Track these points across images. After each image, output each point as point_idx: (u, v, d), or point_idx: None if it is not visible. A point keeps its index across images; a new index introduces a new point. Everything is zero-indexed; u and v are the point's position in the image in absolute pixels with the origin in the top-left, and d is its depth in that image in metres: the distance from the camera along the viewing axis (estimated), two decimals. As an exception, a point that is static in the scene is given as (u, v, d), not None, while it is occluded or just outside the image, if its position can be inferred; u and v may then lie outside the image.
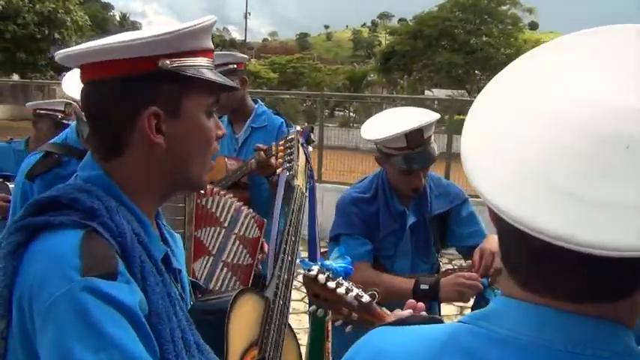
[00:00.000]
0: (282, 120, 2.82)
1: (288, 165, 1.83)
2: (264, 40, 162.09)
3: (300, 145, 1.89)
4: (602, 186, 0.51)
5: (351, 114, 24.07)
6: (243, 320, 1.17)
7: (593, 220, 0.50)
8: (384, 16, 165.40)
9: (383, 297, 2.06)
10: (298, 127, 2.45)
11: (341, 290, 1.39)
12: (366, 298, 1.39)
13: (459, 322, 0.67)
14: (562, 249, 0.52)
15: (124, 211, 0.94)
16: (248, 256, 2.08)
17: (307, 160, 1.94)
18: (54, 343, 0.77)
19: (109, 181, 0.96)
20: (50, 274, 0.81)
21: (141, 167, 0.97)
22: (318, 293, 1.44)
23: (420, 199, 2.24)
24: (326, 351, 1.62)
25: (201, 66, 0.99)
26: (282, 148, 1.82)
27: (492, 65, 25.92)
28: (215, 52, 1.12)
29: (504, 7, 26.51)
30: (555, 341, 0.57)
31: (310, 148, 2.41)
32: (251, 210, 2.13)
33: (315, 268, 1.45)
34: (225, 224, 2.04)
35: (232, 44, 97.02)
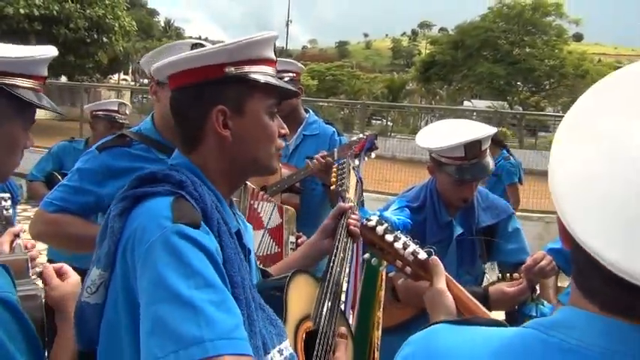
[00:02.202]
0: (334, 129, 2.88)
1: (341, 182, 1.96)
2: (304, 47, 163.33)
3: (351, 168, 2.04)
4: None
5: (389, 123, 23.98)
6: (300, 295, 1.30)
7: None
8: (425, 25, 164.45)
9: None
10: (361, 135, 2.52)
11: (398, 245, 1.41)
12: (422, 255, 1.40)
13: (525, 327, 0.69)
14: None
15: (205, 188, 1.12)
16: (275, 244, 2.17)
17: (358, 181, 2.04)
18: (153, 273, 0.94)
19: (193, 166, 1.16)
20: (148, 225, 1.00)
21: (214, 156, 1.16)
22: (374, 242, 1.46)
23: (468, 210, 2.26)
24: (379, 299, 1.63)
25: (264, 72, 1.16)
26: (335, 171, 1.95)
27: (535, 77, 25.43)
28: (278, 59, 1.23)
29: (549, 18, 25.97)
30: (627, 354, 0.60)
31: (373, 155, 2.49)
32: (278, 202, 2.23)
33: (374, 219, 1.48)
34: (266, 225, 2.13)
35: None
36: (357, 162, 2.53)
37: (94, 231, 1.94)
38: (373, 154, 2.48)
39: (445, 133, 2.14)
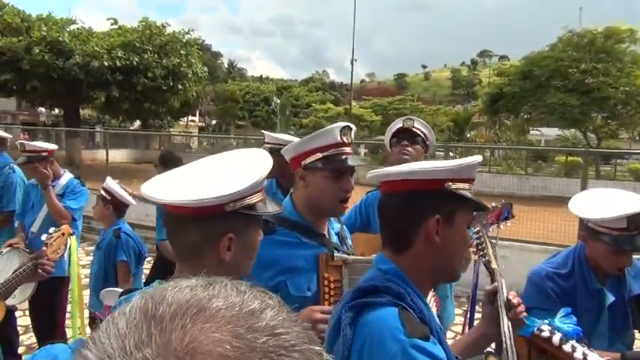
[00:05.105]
0: None
1: (482, 252, 2.11)
2: (362, 81, 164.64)
3: (486, 237, 2.16)
4: None
5: (453, 155, 23.71)
6: None
7: None
8: (485, 54, 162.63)
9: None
10: (494, 204, 2.58)
11: (578, 356, 1.47)
12: None
13: None
14: None
15: (414, 295, 1.27)
16: None
17: (493, 247, 2.19)
18: None
19: (402, 273, 1.31)
20: (385, 336, 1.15)
21: (421, 258, 1.31)
22: (546, 349, 1.52)
23: (618, 278, 2.26)
24: None
25: (468, 190, 1.35)
26: (474, 241, 2.08)
27: (611, 105, 24.44)
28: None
29: (623, 45, 25.10)
30: None
31: (509, 223, 2.54)
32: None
33: (547, 329, 1.54)
34: None
35: (332, 86, 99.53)
36: (490, 230, 2.59)
37: None
38: (509, 222, 2.52)
39: (605, 204, 2.17)
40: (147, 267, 7.26)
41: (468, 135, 39.45)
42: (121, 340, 0.43)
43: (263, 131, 3.68)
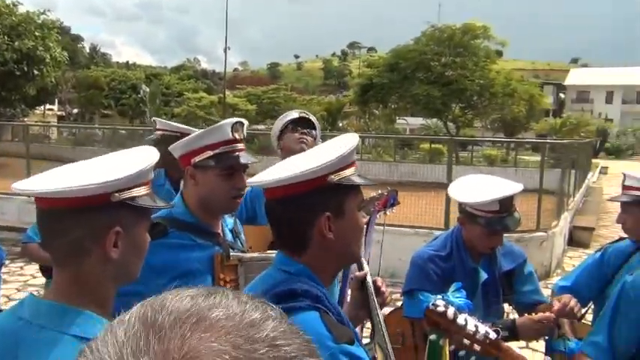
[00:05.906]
0: None
1: None
2: (235, 69, 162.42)
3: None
4: None
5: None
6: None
7: None
8: (354, 45, 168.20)
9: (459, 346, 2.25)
10: (380, 191, 2.65)
11: (470, 327, 1.57)
12: (493, 334, 1.57)
13: None
14: None
15: (329, 295, 1.24)
16: None
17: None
18: None
19: (310, 273, 1.28)
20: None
21: (321, 256, 1.29)
22: (440, 324, 1.60)
23: (490, 257, 2.46)
24: None
25: (352, 174, 1.32)
26: None
27: (468, 96, 26.55)
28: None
29: (478, 41, 27.27)
30: None
31: (394, 210, 2.62)
32: None
33: (441, 303, 1.61)
34: None
35: (204, 75, 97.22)
36: (378, 217, 2.67)
37: None
38: (395, 209, 2.62)
39: (479, 189, 2.33)
40: (4, 271, 6.56)
41: (341, 124, 40.64)
42: (119, 348, 0.43)
43: (155, 119, 3.44)
